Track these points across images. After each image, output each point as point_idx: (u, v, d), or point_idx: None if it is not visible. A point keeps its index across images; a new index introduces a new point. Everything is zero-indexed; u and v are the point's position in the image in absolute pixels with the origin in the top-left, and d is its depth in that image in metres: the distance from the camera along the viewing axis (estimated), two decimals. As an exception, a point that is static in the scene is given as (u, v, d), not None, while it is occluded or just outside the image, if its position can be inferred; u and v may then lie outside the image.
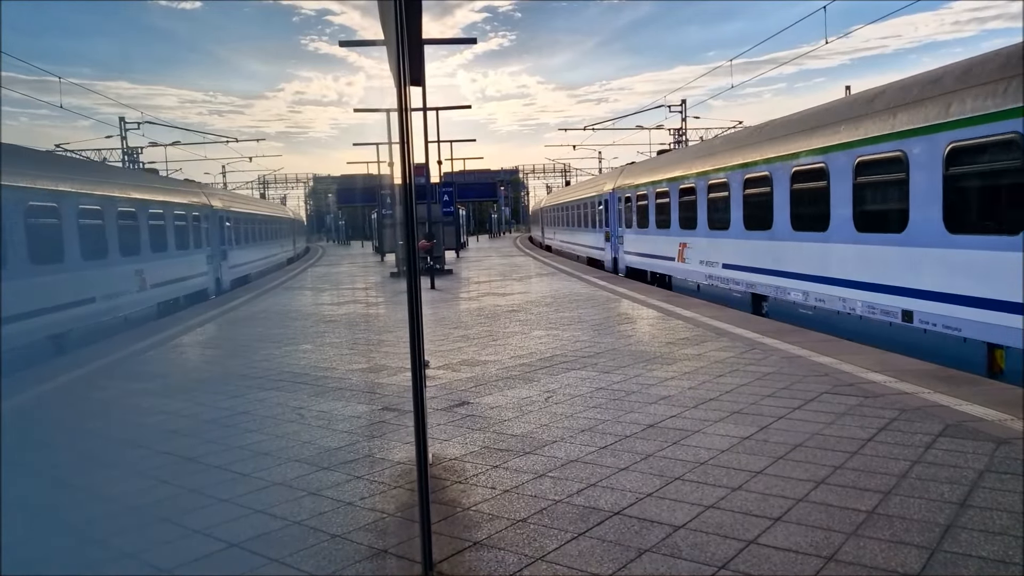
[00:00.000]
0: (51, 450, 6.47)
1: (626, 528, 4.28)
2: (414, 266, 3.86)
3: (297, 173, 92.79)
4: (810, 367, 8.25)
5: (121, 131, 40.21)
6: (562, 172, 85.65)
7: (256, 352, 11.09)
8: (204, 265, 23.79)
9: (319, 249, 62.86)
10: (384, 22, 4.89)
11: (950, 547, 3.85)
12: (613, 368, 8.73)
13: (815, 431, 5.93)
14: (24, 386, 9.24)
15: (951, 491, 4.58)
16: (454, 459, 5.69)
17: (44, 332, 13.06)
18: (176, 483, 5.41)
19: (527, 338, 11.33)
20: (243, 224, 30.72)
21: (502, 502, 4.77)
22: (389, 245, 34.47)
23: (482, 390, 7.97)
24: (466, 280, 24.00)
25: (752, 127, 16.43)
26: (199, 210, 23.76)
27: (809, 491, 4.70)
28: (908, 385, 7.22)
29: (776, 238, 13.42)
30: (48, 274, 13.29)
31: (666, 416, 6.57)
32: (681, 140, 43.27)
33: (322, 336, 12.54)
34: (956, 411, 6.27)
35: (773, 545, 3.97)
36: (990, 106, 8.47)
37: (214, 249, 25.17)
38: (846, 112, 11.55)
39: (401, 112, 3.96)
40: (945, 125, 9.15)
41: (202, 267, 23.56)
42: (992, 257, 8.45)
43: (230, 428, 6.84)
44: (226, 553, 4.20)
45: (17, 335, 11.97)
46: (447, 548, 4.12)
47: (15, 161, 13.02)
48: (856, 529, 4.11)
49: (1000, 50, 8.83)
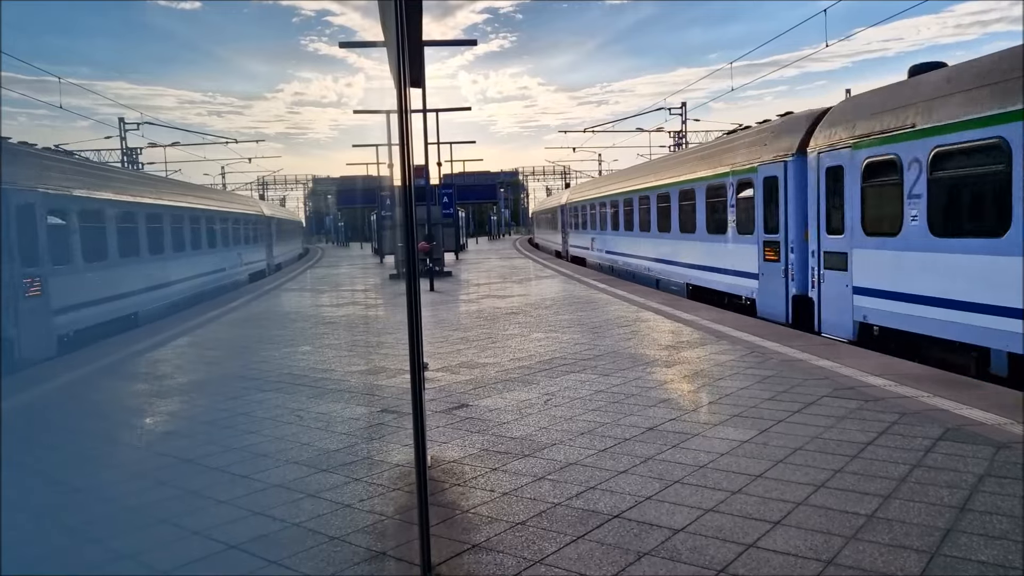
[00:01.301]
0: (50, 451, 6.46)
1: (625, 531, 4.27)
2: (413, 268, 3.85)
3: (297, 174, 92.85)
4: (810, 371, 8.25)
5: (121, 132, 40.24)
6: (562, 174, 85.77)
7: (255, 353, 11.08)
8: (263, 253, 35.65)
9: (318, 251, 62.84)
10: (384, 23, 4.89)
11: (950, 551, 3.84)
12: (612, 371, 8.72)
13: (815, 434, 5.92)
14: (24, 386, 9.23)
15: (951, 495, 4.57)
16: (453, 461, 5.68)
17: (214, 284, 24.73)
18: (175, 484, 5.40)
19: (526, 340, 11.33)
20: (282, 226, 42.88)
21: (501, 505, 4.76)
22: (388, 247, 34.52)
23: (481, 392, 7.96)
24: (465, 282, 23.99)
25: (622, 170, 29.10)
26: (259, 218, 35.28)
27: (809, 495, 4.69)
28: (908, 389, 7.21)
29: (629, 235, 24.16)
30: (210, 255, 25.19)
31: (665, 419, 6.56)
32: (680, 143, 43.31)
33: (321, 338, 12.53)
34: (956, 415, 6.26)
35: (773, 549, 3.96)
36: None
37: (267, 243, 36.68)
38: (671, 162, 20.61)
39: (401, 114, 3.96)
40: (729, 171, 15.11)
41: (263, 255, 35.52)
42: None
43: (229, 429, 6.83)
44: (224, 555, 4.19)
45: (205, 283, 23.78)
46: (446, 551, 4.11)
47: (185, 190, 24.62)
48: (856, 533, 4.11)
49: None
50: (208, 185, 40.01)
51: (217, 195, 30.13)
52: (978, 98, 8.48)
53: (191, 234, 22.95)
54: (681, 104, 43.44)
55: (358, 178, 64.35)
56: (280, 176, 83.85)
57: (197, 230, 23.79)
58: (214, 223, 26.05)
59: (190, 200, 23.78)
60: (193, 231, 23.20)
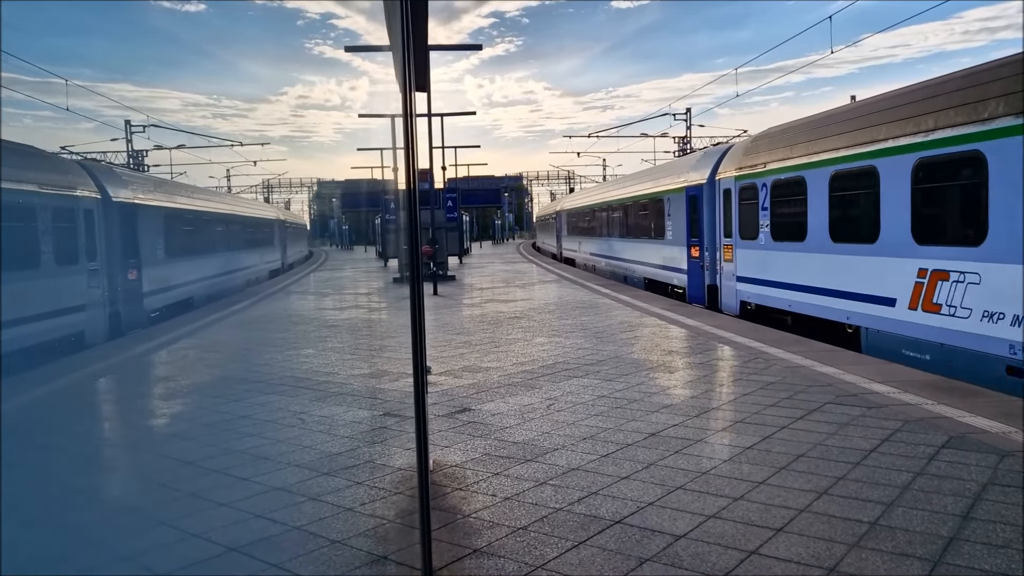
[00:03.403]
0: (51, 452, 6.47)
1: (627, 537, 4.26)
2: (417, 272, 3.86)
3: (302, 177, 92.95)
4: (813, 377, 8.23)
5: (127, 134, 40.35)
6: (566, 179, 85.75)
7: (258, 356, 11.09)
8: (280, 253, 40.55)
9: (322, 254, 62.95)
10: (390, 28, 4.90)
11: (953, 560, 3.82)
12: (615, 376, 8.71)
13: (818, 441, 5.90)
14: (25, 388, 9.25)
15: (954, 503, 4.55)
16: (455, 466, 5.67)
17: (247, 278, 29.63)
18: (175, 486, 5.40)
19: (529, 345, 11.32)
20: (291, 229, 48.60)
21: (503, 509, 4.75)
22: (392, 250, 34.86)
23: (484, 397, 7.95)
24: (469, 286, 24.00)
25: (600, 184, 38.50)
26: (276, 222, 40.65)
27: (811, 501, 4.68)
28: (912, 396, 7.19)
29: (605, 239, 28.85)
30: (245, 253, 30.57)
31: (668, 425, 6.55)
32: (685, 149, 43.31)
33: (324, 340, 12.54)
34: (960, 423, 6.24)
35: (775, 556, 3.95)
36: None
37: (282, 244, 41.94)
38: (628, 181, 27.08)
39: (406, 118, 3.97)
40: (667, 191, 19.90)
41: (279, 255, 40.46)
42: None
43: (230, 432, 6.83)
44: (225, 558, 4.19)
45: (241, 276, 28.82)
46: (447, 555, 4.10)
47: (227, 199, 31.61)
48: (859, 540, 4.09)
49: None
50: (246, 196, 49.56)
51: (247, 203, 37.19)
52: (792, 152, 13.06)
53: (233, 236, 28.81)
54: (686, 110, 43.38)
55: (363, 181, 64.45)
56: (285, 179, 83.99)
57: (237, 232, 29.53)
58: (248, 227, 31.90)
59: (232, 208, 30.05)
60: (234, 233, 28.94)
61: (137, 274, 17.46)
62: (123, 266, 16.79)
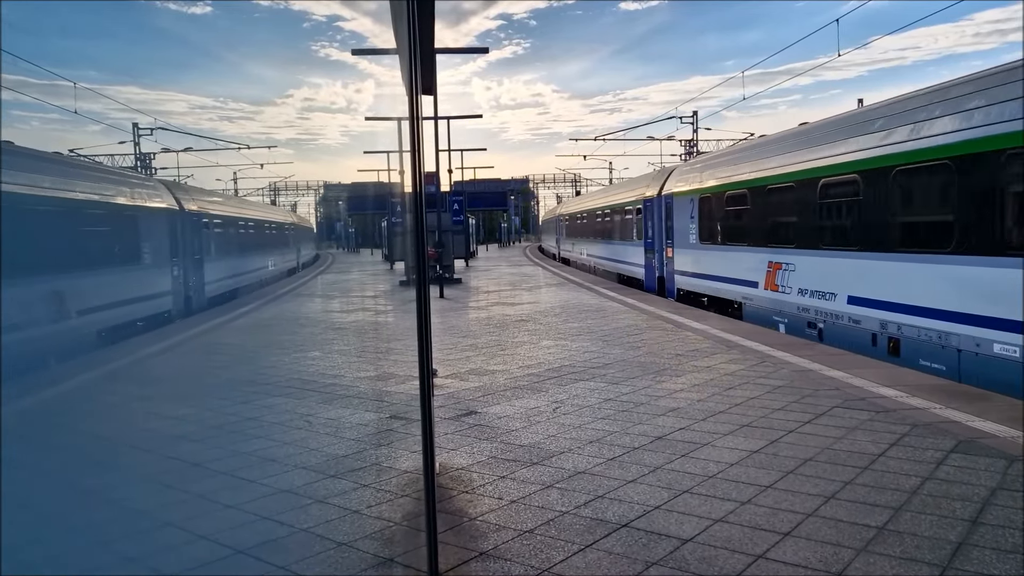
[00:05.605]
0: (56, 452, 6.49)
1: (633, 541, 4.25)
2: (423, 274, 3.86)
3: (308, 180, 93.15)
4: (820, 381, 8.20)
5: (135, 137, 40.52)
6: (573, 182, 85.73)
7: (264, 358, 11.12)
8: (295, 254, 44.88)
9: (329, 256, 63.08)
10: (397, 31, 4.91)
11: (961, 565, 3.80)
12: (622, 379, 8.70)
13: (825, 445, 5.88)
14: (31, 389, 9.29)
15: (963, 508, 4.53)
16: (461, 469, 5.67)
17: (275, 272, 34.90)
18: (182, 488, 5.41)
19: (535, 348, 11.32)
20: (301, 232, 52.75)
21: (509, 512, 4.75)
22: (399, 253, 35.33)
23: (490, 400, 7.95)
24: (475, 289, 24.01)
25: (591, 192, 46.84)
26: (292, 225, 45.64)
27: (819, 506, 4.66)
28: (920, 400, 7.16)
29: (592, 241, 33.38)
30: (271, 253, 35.68)
31: (675, 428, 6.53)
32: (692, 152, 43.24)
33: (331, 343, 12.56)
34: (968, 427, 6.21)
35: (782, 560, 3.93)
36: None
37: (296, 245, 45.92)
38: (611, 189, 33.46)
39: (412, 121, 3.97)
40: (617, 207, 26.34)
41: (295, 255, 44.85)
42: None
43: (237, 434, 6.85)
44: (231, 559, 4.19)
45: (270, 273, 33.77)
46: (453, 558, 4.10)
47: (260, 207, 40.97)
48: (866, 545, 4.07)
49: None
50: (272, 204, 55.80)
51: (272, 210, 44.46)
52: (711, 176, 17.51)
53: (265, 238, 34.56)
54: (693, 113, 43.18)
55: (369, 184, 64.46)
56: (291, 181, 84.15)
57: (266, 235, 35.09)
58: (273, 230, 37.58)
59: (263, 214, 36.04)
60: (264, 235, 34.66)
61: (201, 268, 22.57)
62: (193, 262, 21.84)
